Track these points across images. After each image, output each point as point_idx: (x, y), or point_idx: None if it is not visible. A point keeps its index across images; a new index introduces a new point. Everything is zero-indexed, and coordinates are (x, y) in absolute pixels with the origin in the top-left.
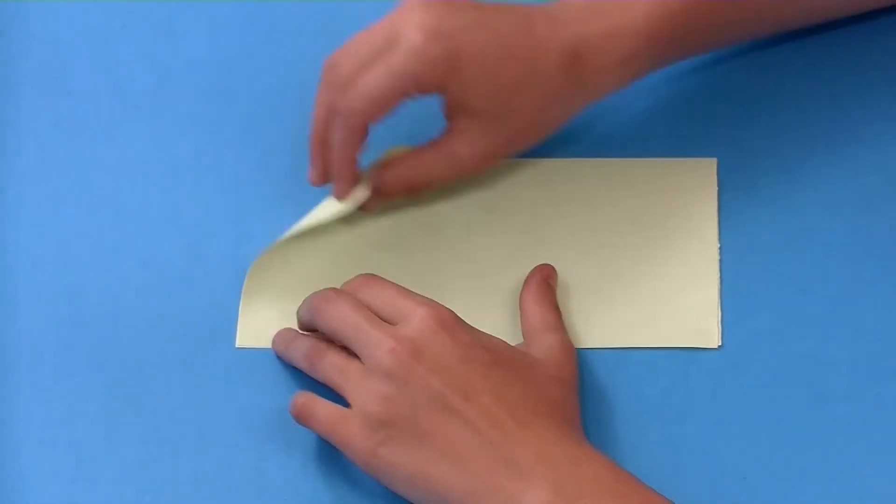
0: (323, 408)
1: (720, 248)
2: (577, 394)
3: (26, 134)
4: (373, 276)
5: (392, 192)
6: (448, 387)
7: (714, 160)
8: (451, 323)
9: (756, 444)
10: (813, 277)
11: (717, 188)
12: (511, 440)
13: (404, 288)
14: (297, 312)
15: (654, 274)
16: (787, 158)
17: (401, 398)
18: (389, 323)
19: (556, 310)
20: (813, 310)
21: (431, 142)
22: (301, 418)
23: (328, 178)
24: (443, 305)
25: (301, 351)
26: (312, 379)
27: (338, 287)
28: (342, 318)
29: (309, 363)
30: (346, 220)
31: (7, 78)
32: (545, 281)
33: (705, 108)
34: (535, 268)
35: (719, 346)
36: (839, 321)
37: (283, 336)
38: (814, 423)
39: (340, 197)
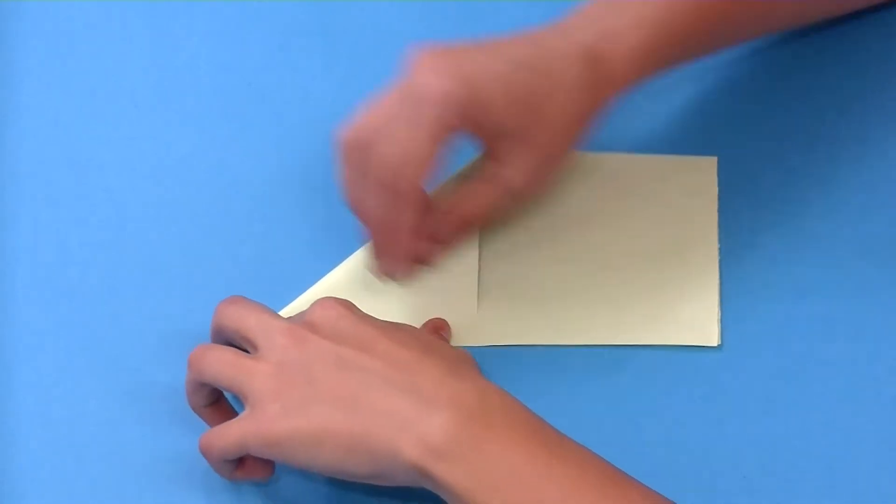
0: (219, 428)
1: (720, 248)
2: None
3: (26, 134)
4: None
5: (451, 238)
6: (341, 345)
7: (714, 159)
8: (349, 304)
9: (756, 444)
10: (813, 277)
11: (717, 187)
12: (410, 372)
13: None
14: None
15: (653, 271)
16: (788, 158)
17: (294, 365)
18: None
19: None
20: (813, 310)
21: (477, 175)
22: (204, 452)
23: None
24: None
25: (187, 374)
26: None
27: None
28: (241, 316)
29: (195, 371)
30: None
31: (7, 78)
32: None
33: (705, 107)
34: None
35: (719, 346)
36: (839, 321)
37: None
38: (814, 423)
39: (404, 277)
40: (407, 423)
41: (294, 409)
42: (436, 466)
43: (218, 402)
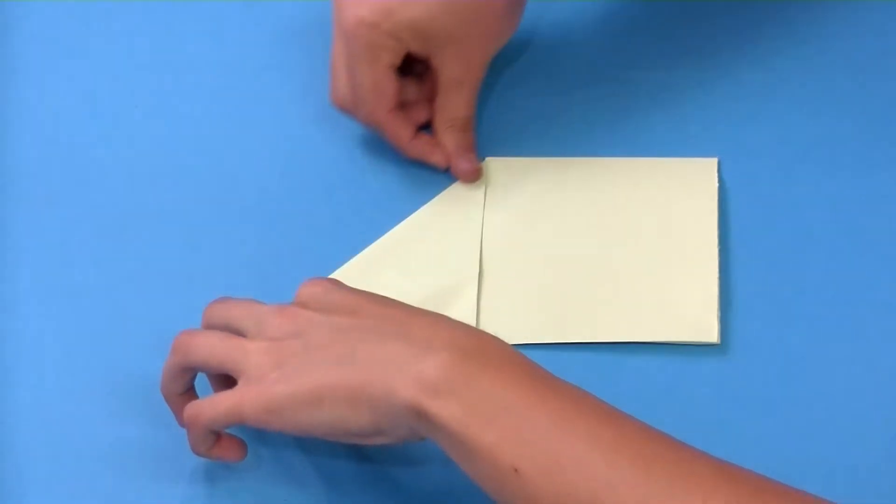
0: (209, 398)
1: (720, 249)
2: None
3: (26, 134)
4: None
5: (453, 140)
6: (334, 313)
7: (715, 160)
8: (334, 280)
9: (756, 444)
10: (813, 277)
11: (717, 188)
12: (404, 324)
13: None
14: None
15: (653, 271)
16: (788, 158)
17: (290, 339)
18: None
19: None
20: (813, 310)
21: (436, 94)
22: (190, 420)
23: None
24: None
25: (168, 359)
26: None
27: None
28: (232, 308)
29: (181, 354)
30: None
31: (7, 78)
32: None
33: (705, 108)
34: None
35: (719, 346)
36: (839, 321)
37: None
38: (814, 423)
39: None
40: (403, 364)
41: (293, 373)
42: (431, 404)
43: (190, 392)
